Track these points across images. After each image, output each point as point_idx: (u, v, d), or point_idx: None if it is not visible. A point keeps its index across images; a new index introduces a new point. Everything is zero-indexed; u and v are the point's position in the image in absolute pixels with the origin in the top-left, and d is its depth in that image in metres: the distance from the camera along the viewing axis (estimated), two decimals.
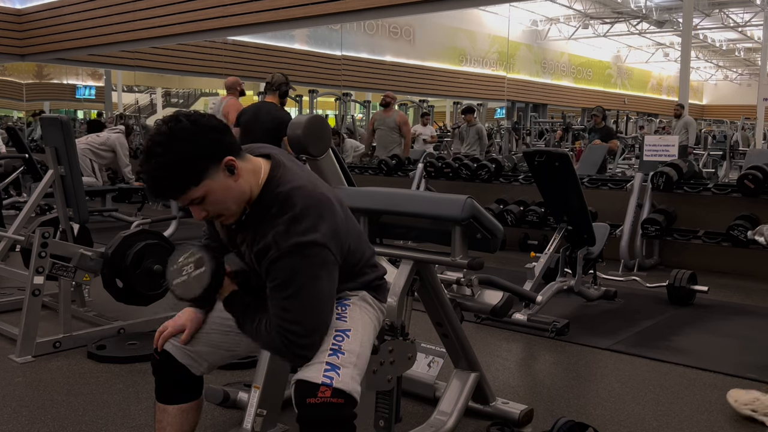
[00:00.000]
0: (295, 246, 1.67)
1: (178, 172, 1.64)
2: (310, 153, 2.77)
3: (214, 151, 1.68)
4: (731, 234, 5.30)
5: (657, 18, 20.60)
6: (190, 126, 1.66)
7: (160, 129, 1.66)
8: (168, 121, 1.68)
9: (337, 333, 1.79)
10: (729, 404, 2.82)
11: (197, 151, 1.65)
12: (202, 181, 1.67)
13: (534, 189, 5.25)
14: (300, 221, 1.68)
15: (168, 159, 1.63)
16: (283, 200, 1.72)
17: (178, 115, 1.69)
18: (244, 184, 1.73)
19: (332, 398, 1.67)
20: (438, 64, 17.17)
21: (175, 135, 1.64)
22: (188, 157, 1.64)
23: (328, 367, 1.71)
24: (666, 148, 6.03)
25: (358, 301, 1.90)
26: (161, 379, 1.95)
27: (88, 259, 3.44)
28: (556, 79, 21.38)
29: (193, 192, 1.67)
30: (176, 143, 1.64)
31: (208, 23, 9.01)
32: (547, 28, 21.56)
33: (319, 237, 1.68)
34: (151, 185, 1.68)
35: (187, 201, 1.70)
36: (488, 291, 3.39)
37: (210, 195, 1.69)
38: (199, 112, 1.84)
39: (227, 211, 1.75)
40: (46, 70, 16.36)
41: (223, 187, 1.70)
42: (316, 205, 1.71)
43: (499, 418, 2.63)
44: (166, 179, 1.66)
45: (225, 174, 1.69)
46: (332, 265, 1.74)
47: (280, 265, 1.69)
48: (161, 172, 1.64)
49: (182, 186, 1.66)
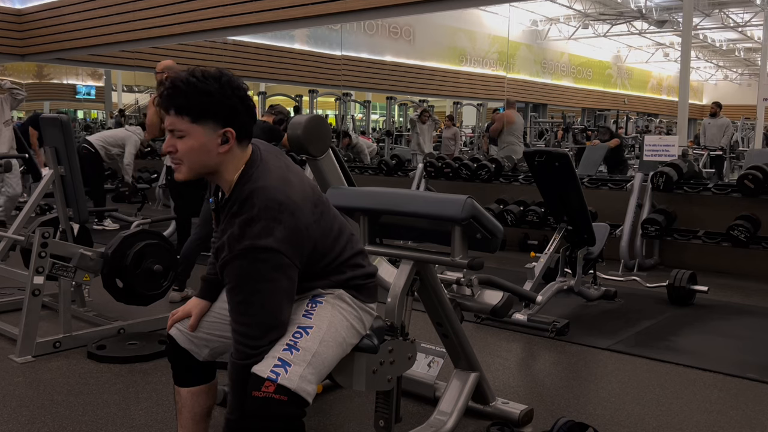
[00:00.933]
0: (246, 249, 1.68)
1: (192, 96, 1.71)
2: (309, 153, 2.77)
3: (229, 114, 1.74)
4: (731, 234, 5.30)
5: (657, 18, 20.59)
6: (235, 84, 1.75)
7: (218, 67, 1.77)
8: (223, 69, 1.77)
9: (298, 329, 1.79)
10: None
11: (219, 99, 1.72)
12: (197, 122, 1.73)
13: (534, 189, 5.25)
14: (254, 224, 1.68)
15: (197, 81, 1.72)
16: (244, 199, 1.74)
17: (237, 77, 1.79)
18: (221, 160, 1.77)
19: (275, 394, 1.66)
20: (438, 64, 17.15)
21: (220, 77, 1.74)
22: (209, 95, 1.72)
23: (278, 362, 1.71)
24: (666, 148, 6.03)
25: (332, 299, 1.89)
26: (172, 363, 2.04)
27: (88, 259, 3.44)
28: (556, 79, 21.35)
29: (182, 122, 1.73)
30: (214, 81, 1.73)
31: (208, 23, 9.00)
32: (547, 28, 21.54)
33: (271, 241, 1.68)
34: (167, 90, 1.75)
35: (172, 126, 1.75)
36: (488, 291, 3.39)
37: (189, 138, 1.74)
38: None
39: (189, 163, 1.78)
40: (46, 70, 16.36)
41: (206, 144, 1.74)
42: (274, 208, 1.70)
43: (499, 418, 2.63)
44: (181, 93, 1.72)
45: (217, 139, 1.75)
46: (287, 268, 1.73)
47: (231, 268, 1.71)
48: (184, 85, 1.72)
49: (183, 107, 1.73)
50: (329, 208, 1.92)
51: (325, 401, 2.84)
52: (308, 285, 1.85)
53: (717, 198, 5.76)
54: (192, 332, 2.00)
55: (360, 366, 1.99)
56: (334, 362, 1.87)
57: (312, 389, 1.74)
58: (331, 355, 1.83)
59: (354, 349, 1.96)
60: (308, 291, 1.87)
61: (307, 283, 1.84)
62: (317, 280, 1.87)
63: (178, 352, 2.00)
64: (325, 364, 1.81)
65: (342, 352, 1.89)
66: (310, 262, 1.82)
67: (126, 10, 10.04)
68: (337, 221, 1.92)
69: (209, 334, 2.00)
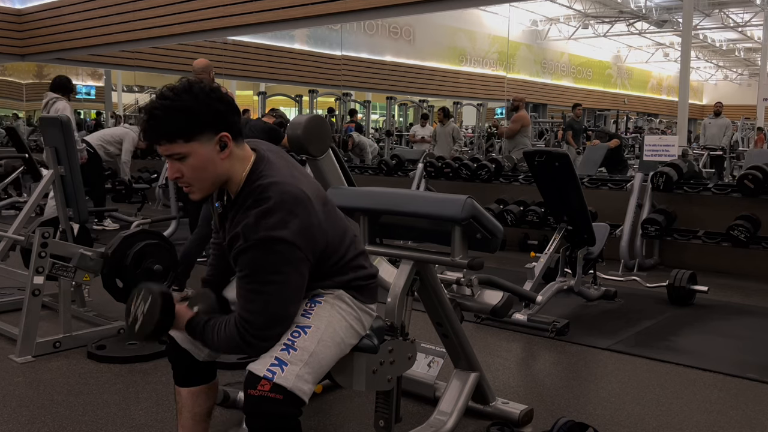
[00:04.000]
0: (261, 240, 1.68)
1: (176, 118, 1.68)
2: (309, 153, 2.77)
3: (217, 120, 1.72)
4: (731, 234, 5.30)
5: (657, 18, 20.60)
6: (207, 89, 1.71)
7: (181, 81, 1.72)
8: (191, 79, 1.73)
9: (296, 329, 1.79)
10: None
11: (202, 110, 1.69)
12: (192, 140, 1.70)
13: (534, 189, 5.25)
14: (270, 216, 1.69)
15: (172, 103, 1.68)
16: (258, 193, 1.73)
17: (203, 80, 1.76)
18: (227, 165, 1.76)
19: (270, 393, 1.67)
20: (438, 64, 17.16)
21: (190, 89, 1.70)
22: (190, 111, 1.68)
23: (275, 361, 1.71)
24: (666, 148, 6.03)
25: (332, 299, 1.89)
26: (173, 363, 2.04)
27: (88, 259, 3.44)
28: (556, 79, 21.37)
29: (179, 146, 1.70)
30: (187, 95, 1.69)
31: (208, 23, 9.01)
32: (547, 28, 21.55)
33: (286, 234, 1.68)
34: (147, 123, 1.71)
35: (169, 152, 1.72)
36: (488, 291, 3.39)
37: (192, 158, 1.72)
38: (221, 87, 1.88)
39: (199, 182, 1.76)
40: (46, 70, 16.35)
41: (208, 157, 1.72)
42: (289, 201, 1.71)
43: (499, 418, 2.62)
44: (162, 121, 1.69)
45: (216, 147, 1.73)
46: (300, 262, 1.74)
47: (246, 257, 1.71)
48: (162, 111, 1.68)
49: (173, 133, 1.69)
50: (334, 208, 1.93)
51: (325, 401, 2.83)
52: (310, 285, 1.84)
53: (717, 198, 5.76)
54: None
55: (360, 366, 1.99)
56: (332, 362, 1.87)
57: (308, 389, 1.74)
58: (328, 355, 1.83)
59: (354, 349, 1.96)
60: (309, 291, 1.87)
61: (311, 283, 1.84)
62: (321, 280, 1.87)
63: (179, 352, 2.00)
64: (323, 364, 1.81)
65: (340, 353, 1.89)
66: (320, 260, 1.82)
67: (126, 10, 10.05)
68: (341, 222, 1.93)
69: None
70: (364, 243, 2.36)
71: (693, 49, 18.02)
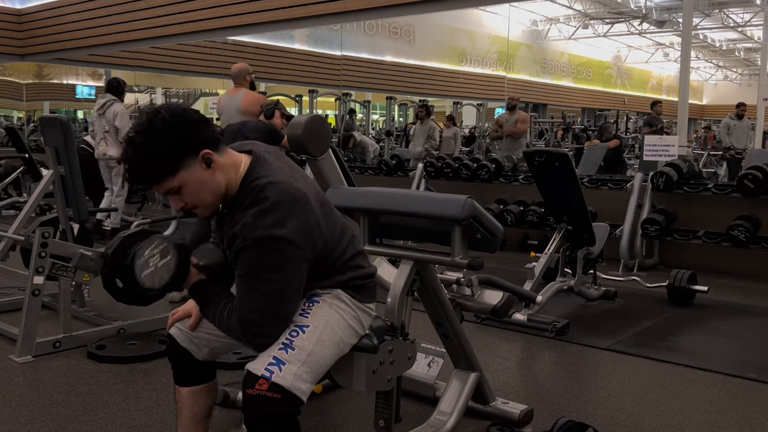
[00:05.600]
0: (259, 238, 1.70)
1: (154, 161, 1.70)
2: (309, 153, 2.77)
3: (191, 143, 1.72)
4: (731, 234, 5.30)
5: (657, 18, 20.59)
6: (169, 118, 1.71)
7: (141, 120, 1.72)
8: (149, 112, 1.73)
9: (294, 328, 1.80)
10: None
11: (173, 142, 1.70)
12: (177, 172, 1.71)
13: (534, 189, 5.25)
14: (268, 215, 1.70)
15: (145, 148, 1.69)
16: (256, 193, 1.74)
17: (160, 108, 1.75)
18: (220, 178, 1.77)
19: (268, 392, 1.68)
20: (438, 64, 17.14)
21: (153, 126, 1.70)
22: (164, 148, 1.69)
23: (273, 360, 1.72)
24: (666, 148, 6.03)
25: (330, 299, 1.89)
26: (172, 362, 2.05)
27: (88, 259, 3.43)
28: (556, 79, 21.35)
29: (169, 182, 1.72)
30: (154, 134, 1.69)
31: (208, 23, 9.00)
32: (547, 28, 21.54)
33: (285, 232, 1.70)
34: (129, 172, 1.73)
35: (164, 190, 1.75)
36: (488, 291, 3.40)
37: (186, 186, 1.74)
38: (181, 105, 1.89)
39: (203, 203, 1.79)
40: (46, 70, 16.34)
41: (199, 179, 1.74)
42: (287, 200, 1.72)
43: (499, 418, 2.63)
44: (142, 168, 1.72)
45: (202, 166, 1.74)
46: (299, 261, 1.75)
47: (244, 256, 1.73)
48: (138, 159, 1.71)
49: (157, 175, 1.72)
50: (332, 208, 1.94)
51: (325, 401, 2.84)
52: (309, 284, 1.85)
53: (717, 198, 5.76)
54: (192, 332, 2.00)
55: (360, 366, 1.99)
56: (331, 362, 1.87)
57: (307, 388, 1.74)
58: (327, 355, 1.84)
59: (353, 349, 1.96)
60: (307, 291, 1.88)
61: (309, 283, 1.85)
62: (319, 280, 1.88)
63: (179, 352, 2.01)
64: (321, 364, 1.82)
65: (339, 352, 1.89)
66: (318, 260, 1.82)
67: (126, 10, 10.04)
68: (339, 222, 1.93)
69: (209, 334, 2.00)
70: (364, 243, 2.36)
71: (693, 49, 18.01)
